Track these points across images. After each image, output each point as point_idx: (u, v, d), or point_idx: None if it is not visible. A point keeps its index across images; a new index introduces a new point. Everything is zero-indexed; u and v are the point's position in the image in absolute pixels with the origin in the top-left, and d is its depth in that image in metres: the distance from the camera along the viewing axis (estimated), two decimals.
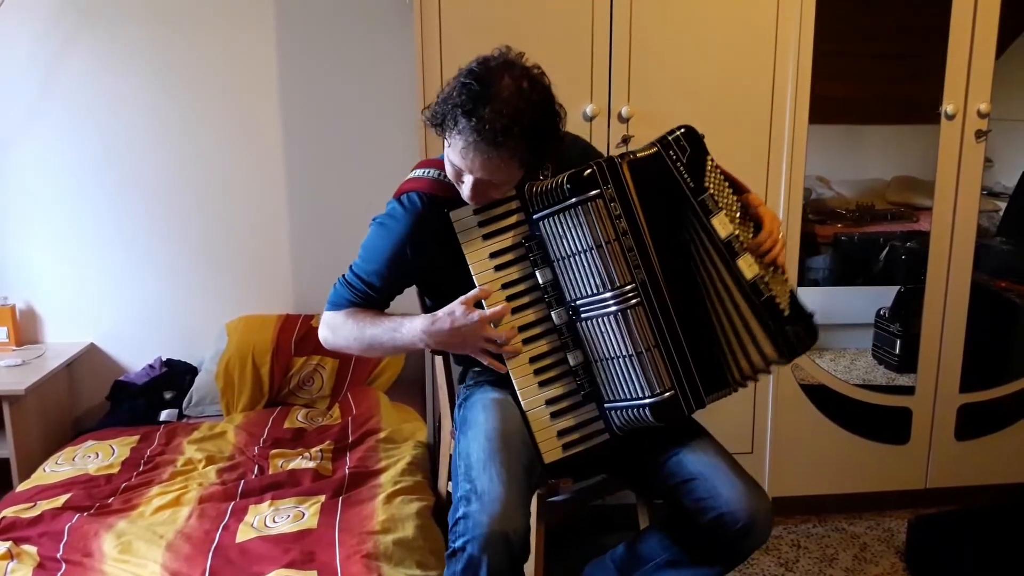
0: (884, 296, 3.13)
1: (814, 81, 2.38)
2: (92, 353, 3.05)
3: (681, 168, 1.63)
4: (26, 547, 1.91)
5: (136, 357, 3.05)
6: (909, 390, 2.65)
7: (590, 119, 2.30)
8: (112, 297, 3.02)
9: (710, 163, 1.66)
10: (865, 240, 3.25)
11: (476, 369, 1.88)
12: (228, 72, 2.91)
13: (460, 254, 1.66)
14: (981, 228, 2.59)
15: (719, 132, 2.34)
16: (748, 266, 1.66)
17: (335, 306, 1.77)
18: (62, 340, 3.03)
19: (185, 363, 2.99)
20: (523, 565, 1.54)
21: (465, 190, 1.61)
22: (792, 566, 2.44)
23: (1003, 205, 3.22)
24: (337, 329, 1.75)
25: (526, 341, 1.66)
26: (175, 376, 2.92)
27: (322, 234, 3.03)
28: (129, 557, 1.87)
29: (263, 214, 3.01)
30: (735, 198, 1.70)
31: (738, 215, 1.68)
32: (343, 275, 1.78)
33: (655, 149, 1.63)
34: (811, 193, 3.24)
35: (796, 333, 1.69)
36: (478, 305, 1.64)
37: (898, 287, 3.11)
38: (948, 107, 2.45)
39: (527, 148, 1.54)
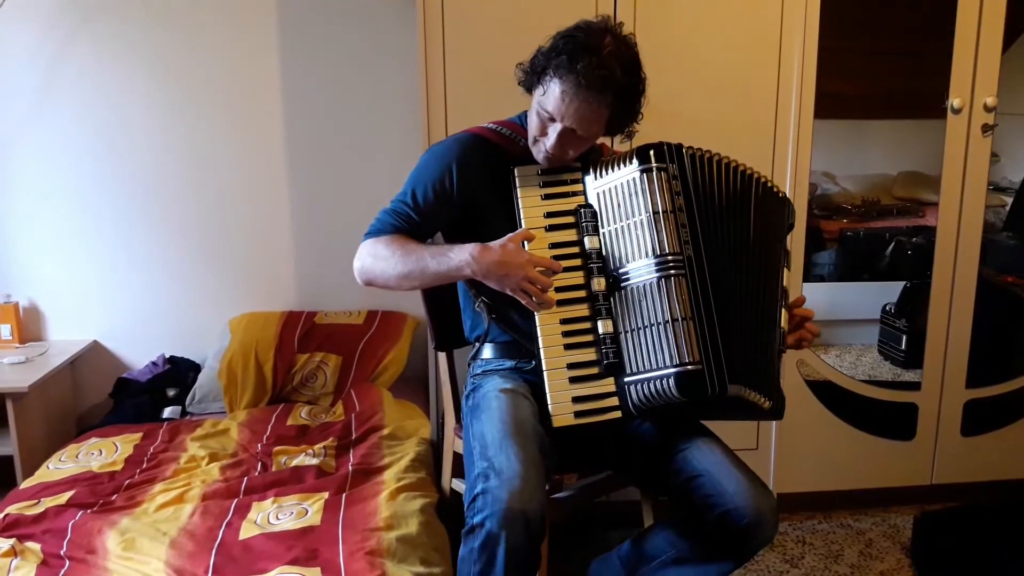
0: (890, 292, 3.12)
1: (819, 76, 2.37)
2: (95, 350, 3.05)
3: (788, 223, 1.81)
4: (30, 544, 1.91)
5: (139, 354, 3.05)
6: (915, 386, 2.64)
7: None
8: (115, 294, 3.01)
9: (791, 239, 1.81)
10: (871, 235, 3.24)
11: (484, 358, 1.88)
12: (229, 70, 2.90)
13: (504, 211, 1.71)
14: (987, 223, 2.58)
15: (724, 128, 2.35)
16: (784, 318, 1.75)
17: (377, 233, 1.78)
18: (65, 337, 3.03)
19: (188, 360, 2.99)
20: (540, 545, 1.54)
21: (549, 141, 1.67)
22: (797, 562, 2.43)
23: (1009, 200, 3.21)
24: (378, 254, 1.75)
25: (560, 303, 1.68)
26: (178, 373, 2.92)
27: (325, 231, 3.02)
28: (132, 554, 1.87)
29: (266, 211, 3.00)
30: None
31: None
32: (384, 207, 1.82)
33: (783, 195, 1.80)
34: (816, 189, 3.23)
35: (781, 397, 1.73)
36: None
37: (904, 283, 3.10)
38: (954, 101, 2.44)
39: (618, 104, 1.64)
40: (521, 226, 1.70)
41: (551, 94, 1.63)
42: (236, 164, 2.96)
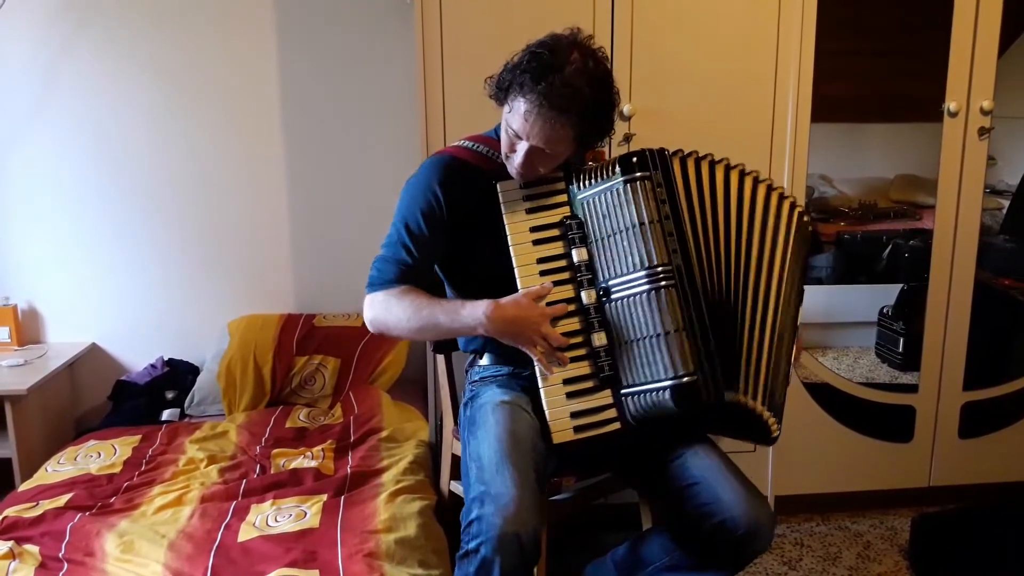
0: (887, 294, 3.12)
1: (816, 79, 2.37)
2: (94, 353, 3.05)
3: (799, 232, 1.75)
4: (28, 547, 1.91)
5: (138, 357, 3.05)
6: (912, 388, 2.64)
7: None
8: (114, 297, 3.02)
9: None
10: (868, 238, 3.24)
11: (482, 364, 1.88)
12: (228, 73, 2.91)
13: (490, 228, 1.69)
14: (984, 226, 2.58)
15: (721, 131, 2.35)
16: (796, 349, 1.76)
17: (382, 285, 1.75)
18: (64, 340, 3.03)
19: (187, 363, 2.99)
20: (534, 566, 1.54)
21: (517, 159, 1.64)
22: (795, 565, 2.43)
23: (1006, 203, 3.21)
24: (390, 308, 1.73)
25: (552, 319, 1.66)
26: (177, 376, 2.92)
27: (323, 234, 3.03)
28: (131, 557, 1.87)
29: (264, 214, 3.01)
30: None
31: None
32: (379, 255, 1.78)
33: (808, 219, 1.77)
34: (814, 192, 3.23)
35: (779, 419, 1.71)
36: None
37: (901, 285, 3.10)
38: (951, 104, 2.45)
39: (585, 122, 1.60)
40: (508, 242, 1.68)
41: (516, 112, 1.60)
42: (235, 167, 2.97)
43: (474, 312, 1.66)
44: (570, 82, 1.55)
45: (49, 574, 1.81)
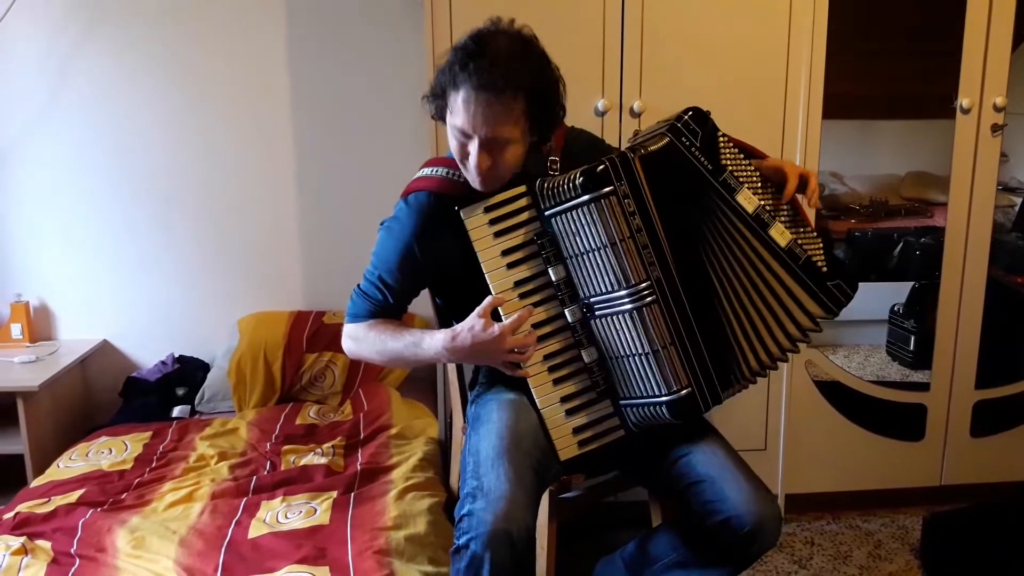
0: (898, 292, 3.10)
1: (827, 76, 2.36)
2: (105, 350, 3.06)
3: (696, 152, 1.60)
4: (40, 542, 1.92)
5: (149, 354, 3.06)
6: (924, 386, 2.63)
7: (601, 114, 2.29)
8: (125, 294, 3.03)
9: (722, 140, 1.64)
10: (879, 236, 3.22)
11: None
12: (239, 70, 2.91)
13: (471, 252, 1.65)
14: (996, 223, 2.57)
15: (732, 128, 2.32)
16: (780, 234, 1.65)
17: (354, 317, 1.76)
18: (75, 337, 3.05)
19: (197, 360, 3.00)
20: (528, 563, 1.53)
21: (472, 161, 1.58)
22: (806, 563, 2.43)
23: (1019, 200, 3.19)
24: (360, 341, 1.75)
25: (540, 339, 1.64)
26: (187, 373, 2.93)
27: (333, 231, 3.03)
28: (142, 552, 1.88)
29: (274, 211, 3.01)
30: (752, 167, 1.68)
31: (759, 184, 1.67)
32: (358, 284, 1.78)
33: (667, 139, 1.59)
34: (824, 189, 3.22)
35: (838, 286, 1.68)
36: (495, 315, 1.62)
37: (912, 283, 3.08)
38: (963, 101, 2.43)
39: (528, 96, 1.54)
40: (484, 271, 1.64)
41: (455, 109, 1.54)
42: (245, 164, 2.97)
43: (433, 344, 1.63)
44: (497, 61, 1.50)
45: (61, 570, 1.82)
